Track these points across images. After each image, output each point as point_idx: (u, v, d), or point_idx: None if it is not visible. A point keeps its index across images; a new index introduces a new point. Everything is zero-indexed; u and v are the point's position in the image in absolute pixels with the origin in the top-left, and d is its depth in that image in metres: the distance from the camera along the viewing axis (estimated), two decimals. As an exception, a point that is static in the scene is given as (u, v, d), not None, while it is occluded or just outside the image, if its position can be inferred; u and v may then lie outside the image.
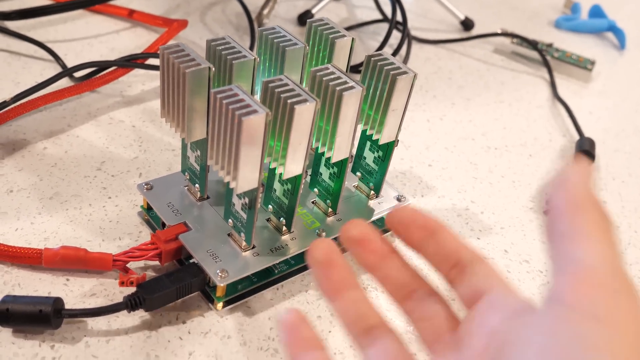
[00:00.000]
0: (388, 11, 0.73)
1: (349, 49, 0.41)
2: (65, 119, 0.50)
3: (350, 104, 0.35)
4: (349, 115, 0.36)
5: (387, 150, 0.41)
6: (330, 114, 0.36)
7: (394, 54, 0.64)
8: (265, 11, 0.68)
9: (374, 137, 0.39)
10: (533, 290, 0.42)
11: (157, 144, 0.49)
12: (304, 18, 0.71)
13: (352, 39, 0.40)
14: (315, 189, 0.42)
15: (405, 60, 0.67)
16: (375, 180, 0.43)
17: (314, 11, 0.72)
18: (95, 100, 0.53)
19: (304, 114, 0.33)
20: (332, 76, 0.36)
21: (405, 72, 0.37)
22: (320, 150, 0.37)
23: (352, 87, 0.35)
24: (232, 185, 0.34)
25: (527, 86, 0.69)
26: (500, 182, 0.53)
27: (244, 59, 0.36)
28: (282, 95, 0.33)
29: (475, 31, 0.79)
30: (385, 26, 0.75)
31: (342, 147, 0.37)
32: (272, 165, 0.35)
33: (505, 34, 0.76)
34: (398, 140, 0.41)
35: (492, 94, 0.66)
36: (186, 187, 0.41)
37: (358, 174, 0.44)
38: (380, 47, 0.62)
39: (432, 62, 0.70)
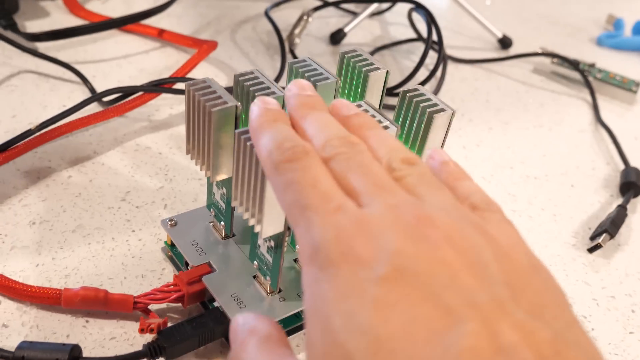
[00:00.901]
0: (422, 28, 0.71)
1: (383, 82, 0.39)
2: (92, 145, 0.49)
3: (384, 144, 0.33)
4: (382, 157, 0.34)
5: (422, 188, 0.39)
6: (362, 154, 0.34)
7: (430, 75, 0.62)
8: (297, 30, 0.67)
9: (408, 176, 0.37)
10: (576, 340, 0.40)
11: (184, 172, 0.48)
12: (336, 37, 0.70)
13: (387, 71, 0.38)
14: (346, 228, 0.40)
15: (441, 81, 0.65)
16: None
17: (346, 30, 0.70)
18: (122, 124, 0.52)
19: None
20: (364, 114, 0.34)
21: (442, 110, 0.35)
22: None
23: (386, 127, 0.33)
24: (257, 229, 0.32)
25: (568, 109, 0.66)
26: (541, 216, 0.50)
27: (273, 95, 0.34)
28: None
29: (513, 49, 0.77)
30: (419, 45, 0.73)
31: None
32: (300, 207, 0.34)
33: (545, 53, 0.73)
34: (433, 179, 0.38)
35: (531, 117, 0.64)
36: (211, 224, 0.40)
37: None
38: (416, 69, 0.60)
39: (468, 83, 0.68)
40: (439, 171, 0.27)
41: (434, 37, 0.63)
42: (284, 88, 0.32)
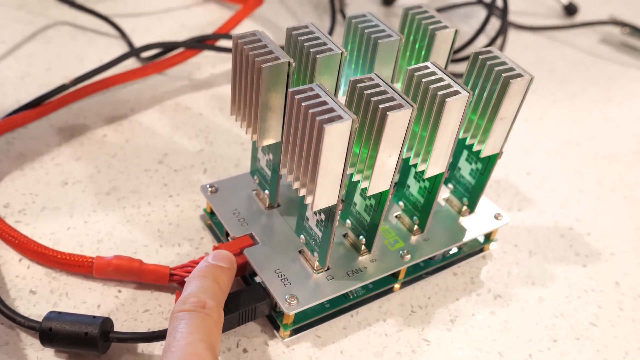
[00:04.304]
0: (483, -8, 0.66)
1: (451, 43, 0.35)
2: (129, 102, 0.46)
3: (454, 111, 0.29)
4: (450, 125, 0.30)
5: (488, 163, 0.35)
6: (428, 121, 0.30)
7: (491, 43, 0.57)
8: (348, -11, 0.62)
9: (475, 148, 0.34)
10: (653, 337, 0.36)
11: (225, 135, 0.45)
12: (389, -3, 0.65)
13: (456, 30, 0.34)
14: (401, 202, 0.36)
15: (501, 50, 0.60)
16: (470, 195, 0.37)
17: (400, -10, 0.65)
18: (161, 82, 0.49)
19: (397, 122, 0.28)
20: (432, 77, 0.30)
21: (519, 75, 0.31)
22: (412, 162, 0.32)
23: (456, 92, 0.29)
24: (308, 200, 0.29)
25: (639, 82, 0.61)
26: (610, 197, 0.46)
27: (329, 52, 0.30)
28: (372, 98, 0.28)
29: (579, 17, 0.71)
30: (478, 9, 0.68)
31: (439, 161, 0.31)
32: (356, 178, 0.30)
33: (614, 22, 0.67)
34: (502, 153, 0.35)
35: (599, 89, 0.59)
36: (254, 192, 0.37)
37: (450, 185, 0.38)
38: (476, 36, 0.56)
39: (531, 52, 0.63)
40: None
41: (494, 2, 0.58)
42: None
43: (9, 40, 0.51)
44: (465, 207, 0.37)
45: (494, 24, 0.65)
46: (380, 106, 0.28)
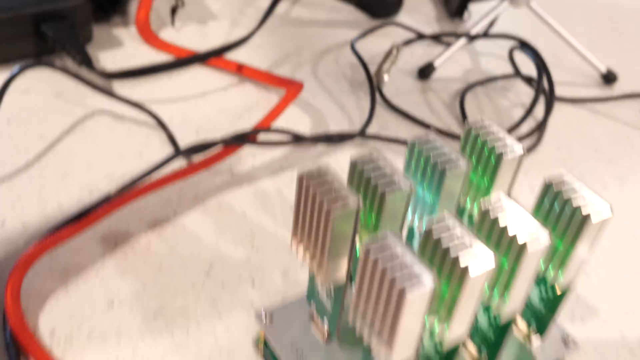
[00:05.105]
0: (521, 63, 0.65)
1: (516, 166, 0.33)
2: (171, 202, 0.45)
3: (533, 258, 0.28)
4: (530, 271, 0.28)
5: (562, 294, 0.33)
6: (504, 265, 0.28)
7: (539, 128, 0.56)
8: (386, 66, 0.61)
9: (550, 283, 0.32)
10: None
11: (271, 240, 0.43)
12: (425, 71, 0.64)
13: (521, 155, 0.33)
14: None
15: (542, 126, 0.59)
16: (539, 321, 0.35)
17: (436, 64, 0.64)
18: (202, 179, 0.48)
19: (478, 281, 0.26)
20: (509, 219, 0.28)
21: (597, 211, 0.30)
22: (485, 305, 0.30)
23: (537, 239, 0.28)
24: (383, 359, 0.27)
25: (688, 160, 0.59)
26: (675, 302, 0.44)
27: (397, 190, 0.29)
28: (450, 247, 0.26)
29: (618, 85, 0.69)
30: (515, 80, 0.66)
31: (516, 303, 0.30)
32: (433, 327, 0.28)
33: (658, 93, 0.65)
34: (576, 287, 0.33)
35: (647, 170, 0.57)
36: (310, 318, 0.35)
37: (515, 307, 0.36)
38: (523, 119, 0.54)
39: (572, 127, 0.61)
40: None
41: (540, 80, 0.57)
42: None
43: (47, 134, 0.50)
44: (533, 333, 0.35)
45: (531, 95, 0.63)
46: (461, 260, 0.26)
